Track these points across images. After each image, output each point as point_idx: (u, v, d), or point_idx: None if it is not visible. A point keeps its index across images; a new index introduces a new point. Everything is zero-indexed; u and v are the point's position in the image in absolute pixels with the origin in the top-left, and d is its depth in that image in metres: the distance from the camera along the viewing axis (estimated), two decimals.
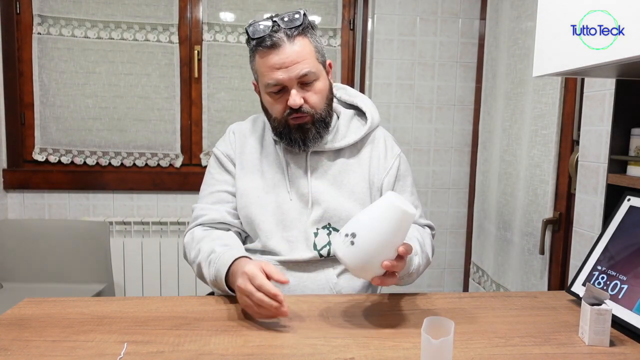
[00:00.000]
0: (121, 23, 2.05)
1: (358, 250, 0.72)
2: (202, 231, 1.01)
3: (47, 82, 2.04)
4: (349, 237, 0.73)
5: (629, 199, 0.93)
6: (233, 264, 0.85)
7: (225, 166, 1.06)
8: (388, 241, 0.73)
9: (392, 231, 0.72)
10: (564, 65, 0.79)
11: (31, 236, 1.86)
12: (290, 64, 0.92)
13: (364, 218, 0.75)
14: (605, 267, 0.88)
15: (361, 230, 0.73)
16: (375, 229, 0.72)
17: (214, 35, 2.10)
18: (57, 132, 2.07)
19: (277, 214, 1.01)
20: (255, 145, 1.05)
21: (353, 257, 0.73)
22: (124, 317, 0.81)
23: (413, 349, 0.70)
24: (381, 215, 0.73)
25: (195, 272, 0.98)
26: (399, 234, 0.73)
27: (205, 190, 1.07)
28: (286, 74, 0.92)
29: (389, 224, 0.72)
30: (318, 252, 0.99)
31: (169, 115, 2.11)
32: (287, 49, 0.92)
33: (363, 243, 0.72)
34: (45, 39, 2.02)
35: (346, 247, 0.73)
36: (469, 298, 0.95)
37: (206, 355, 0.67)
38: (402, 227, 0.73)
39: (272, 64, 0.92)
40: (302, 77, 0.93)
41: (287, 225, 1.00)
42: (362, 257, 0.73)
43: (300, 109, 0.94)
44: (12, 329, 0.75)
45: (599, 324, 0.72)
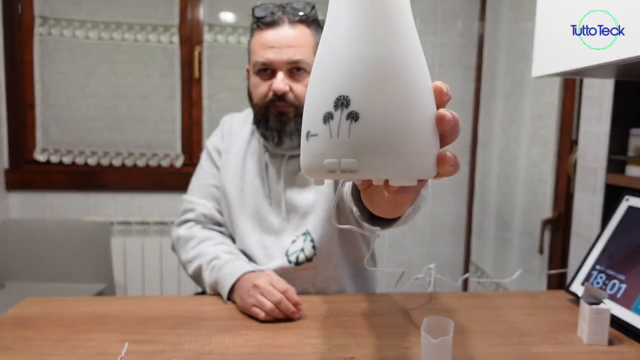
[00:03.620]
0: (122, 24, 2.06)
1: (381, 117, 0.34)
2: (201, 231, 1.00)
3: (49, 83, 2.05)
4: (338, 112, 0.34)
5: (628, 199, 0.93)
6: (243, 277, 0.86)
7: (215, 160, 1.05)
8: (407, 63, 0.35)
9: (401, 37, 0.36)
10: (564, 65, 0.79)
11: (33, 236, 1.86)
12: (284, 45, 0.88)
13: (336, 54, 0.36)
14: (604, 267, 0.89)
15: (356, 73, 0.35)
16: (375, 51, 0.35)
17: (215, 36, 2.11)
18: (59, 132, 2.07)
19: (254, 218, 0.98)
20: (241, 143, 1.02)
21: (382, 143, 0.34)
22: (125, 316, 0.81)
23: (413, 348, 0.70)
24: (357, 26, 0.35)
25: (190, 272, 0.97)
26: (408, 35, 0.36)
27: (194, 183, 1.06)
28: (277, 55, 0.88)
29: (384, 29, 0.35)
30: (287, 257, 0.94)
31: (170, 116, 2.12)
32: (285, 30, 0.89)
33: (379, 93, 0.34)
34: (46, 40, 2.02)
35: (351, 139, 0.34)
36: (468, 297, 0.95)
37: (207, 354, 0.68)
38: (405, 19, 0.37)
39: (266, 42, 0.89)
40: (293, 63, 0.89)
41: (264, 230, 0.98)
42: (397, 125, 0.34)
43: (284, 97, 0.90)
44: (14, 328, 0.75)
45: (597, 323, 0.73)
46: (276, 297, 0.79)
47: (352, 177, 0.35)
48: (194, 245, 0.98)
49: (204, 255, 0.94)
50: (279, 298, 0.79)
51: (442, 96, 0.37)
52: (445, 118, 0.36)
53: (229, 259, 0.91)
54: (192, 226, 1.02)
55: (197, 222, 1.02)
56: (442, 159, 0.37)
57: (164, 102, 2.11)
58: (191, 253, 0.97)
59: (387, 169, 0.34)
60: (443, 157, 0.37)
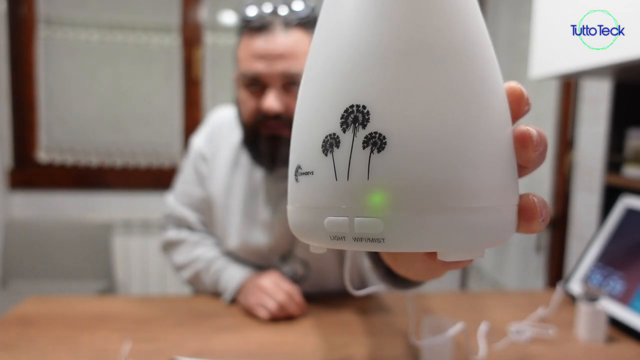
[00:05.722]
0: (124, 26, 2.07)
1: (425, 144, 0.20)
2: (191, 234, 0.94)
3: (52, 84, 2.06)
4: (349, 134, 0.21)
5: (625, 199, 0.94)
6: (247, 278, 0.86)
7: (198, 168, 0.93)
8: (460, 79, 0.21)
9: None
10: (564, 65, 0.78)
11: (36, 235, 1.87)
12: (277, 56, 0.73)
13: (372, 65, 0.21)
14: (601, 266, 0.89)
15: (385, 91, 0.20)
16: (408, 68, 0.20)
17: (216, 38, 2.12)
18: (62, 132, 2.09)
19: (239, 236, 0.88)
20: (229, 153, 0.89)
21: (427, 189, 0.20)
22: (127, 315, 0.82)
23: (412, 348, 0.71)
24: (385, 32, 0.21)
25: (186, 276, 0.93)
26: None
27: (179, 184, 0.95)
28: (268, 68, 0.73)
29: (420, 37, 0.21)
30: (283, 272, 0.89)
31: (171, 116, 2.13)
32: (278, 37, 0.74)
33: (420, 103, 0.20)
34: (50, 42, 2.04)
35: (371, 182, 0.20)
36: (469, 298, 0.96)
37: (208, 352, 0.68)
38: None
39: (255, 50, 0.74)
40: (288, 77, 0.74)
41: (251, 250, 0.88)
42: (454, 157, 0.20)
43: (278, 117, 0.75)
44: (17, 326, 0.76)
45: (594, 322, 0.73)
46: (281, 297, 0.78)
47: (375, 247, 0.21)
48: (188, 249, 0.92)
49: (200, 260, 0.90)
50: (283, 298, 0.78)
51: (521, 105, 0.25)
52: (532, 139, 0.23)
53: (229, 260, 0.91)
54: (181, 229, 0.95)
55: (184, 226, 0.96)
56: (528, 212, 0.23)
57: (165, 103, 2.12)
58: (184, 257, 0.92)
59: (436, 236, 0.20)
60: (529, 209, 0.23)
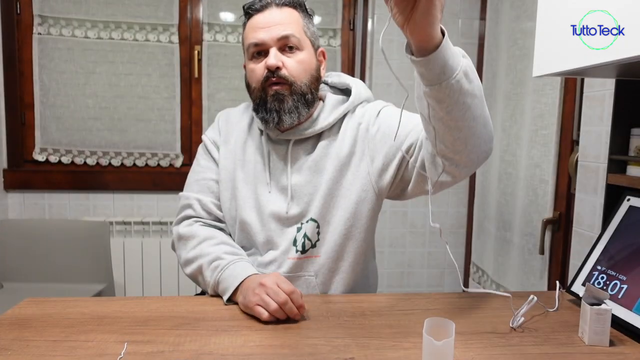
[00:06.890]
0: (121, 23, 2.05)
1: None
2: (202, 229, 0.99)
3: (48, 82, 2.04)
4: None
5: (629, 199, 0.93)
6: (248, 278, 0.87)
7: (211, 152, 1.05)
8: None
9: None
10: (564, 65, 0.79)
11: (32, 236, 1.86)
12: (273, 24, 0.93)
13: None
14: (605, 267, 0.89)
15: None
16: None
17: (214, 36, 2.10)
18: (58, 132, 2.07)
19: (256, 207, 0.98)
20: (240, 134, 1.03)
21: None
22: (124, 317, 0.81)
23: (413, 349, 0.70)
24: None
25: (189, 271, 0.97)
26: None
27: (191, 178, 1.06)
28: (267, 34, 0.93)
29: None
30: (295, 245, 0.95)
31: (169, 115, 2.12)
32: (274, 12, 0.94)
33: None
34: (45, 39, 2.02)
35: None
36: (469, 298, 0.95)
37: (206, 355, 0.68)
38: None
39: (256, 24, 0.94)
40: (284, 38, 0.93)
41: (265, 218, 0.97)
42: None
43: (279, 73, 0.92)
44: (12, 329, 0.75)
45: (598, 324, 0.72)
46: (282, 298, 0.78)
47: None
48: (195, 245, 0.96)
49: (205, 256, 0.93)
50: (284, 299, 0.78)
51: None
52: None
53: (231, 260, 0.91)
54: (192, 223, 1.00)
55: (197, 219, 1.01)
56: None
57: (163, 101, 2.11)
58: (192, 253, 0.96)
59: None
60: None
